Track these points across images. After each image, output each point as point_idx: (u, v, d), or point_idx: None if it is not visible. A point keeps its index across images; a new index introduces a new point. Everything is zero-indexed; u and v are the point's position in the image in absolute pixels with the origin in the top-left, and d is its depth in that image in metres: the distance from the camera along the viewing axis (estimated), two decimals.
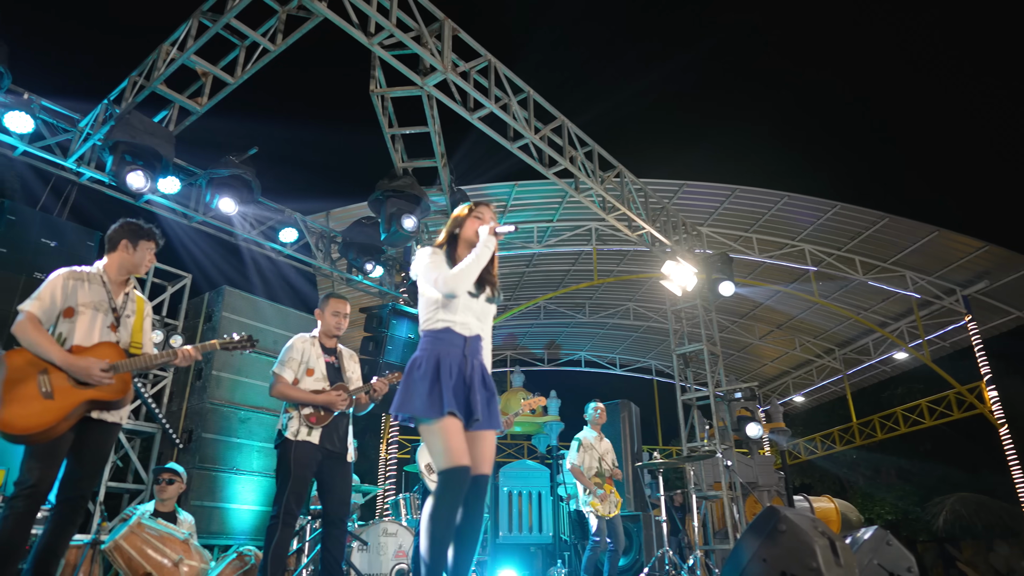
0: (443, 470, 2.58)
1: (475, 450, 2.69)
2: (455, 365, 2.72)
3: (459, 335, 2.78)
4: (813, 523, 3.68)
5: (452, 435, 2.61)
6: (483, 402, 2.73)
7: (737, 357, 18.23)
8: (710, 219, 12.14)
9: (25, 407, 3.00)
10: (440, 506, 2.52)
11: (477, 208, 3.00)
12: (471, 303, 2.84)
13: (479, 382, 2.76)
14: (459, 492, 2.55)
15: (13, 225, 6.08)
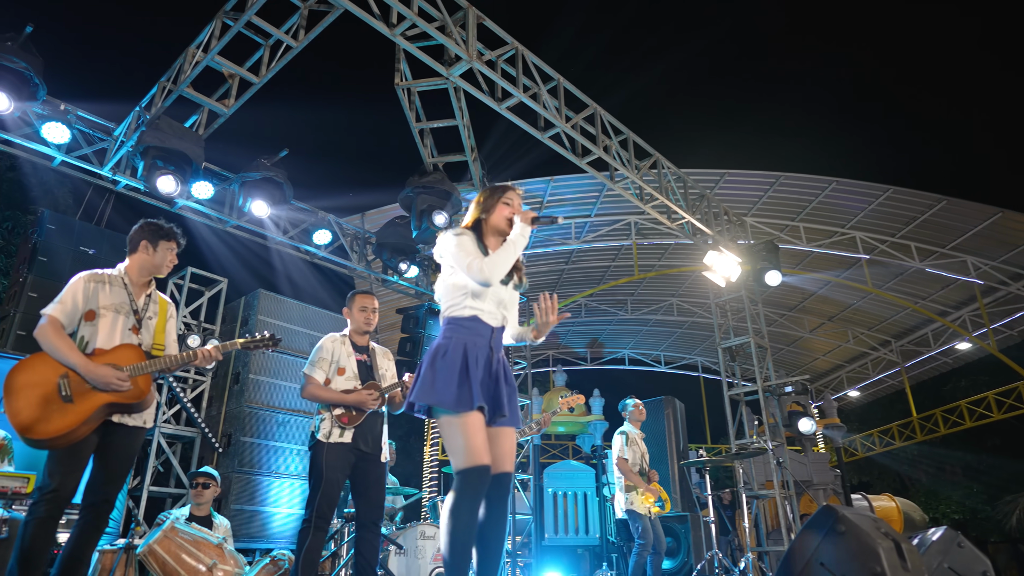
0: (463, 469, 2.43)
1: (497, 447, 2.56)
2: (482, 357, 2.58)
3: (486, 325, 2.64)
4: (875, 523, 3.38)
5: (475, 431, 2.46)
6: (508, 398, 2.60)
7: (787, 351, 17.64)
8: (754, 208, 11.72)
9: (45, 411, 2.96)
10: (460, 507, 2.38)
11: (506, 194, 2.82)
12: (499, 291, 2.71)
13: (503, 377, 2.64)
14: (479, 492, 2.43)
15: (53, 234, 6.17)
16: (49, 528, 2.93)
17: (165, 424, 6.78)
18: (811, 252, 12.82)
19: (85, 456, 3.08)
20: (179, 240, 3.52)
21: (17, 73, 5.56)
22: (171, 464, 6.76)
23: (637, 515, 5.42)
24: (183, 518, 4.77)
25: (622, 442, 5.65)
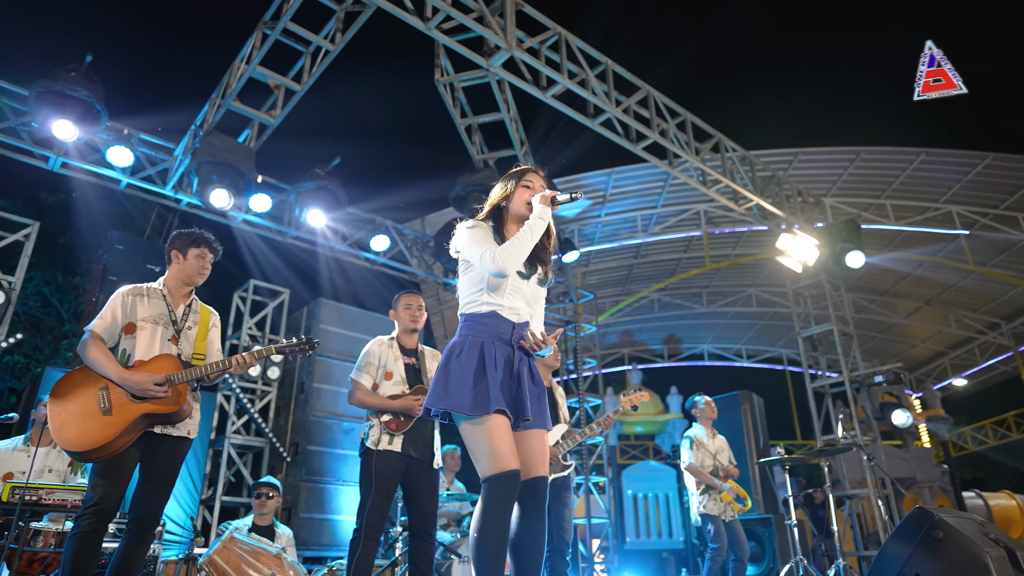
0: (489, 476, 2.22)
1: (527, 451, 2.36)
2: (501, 356, 2.37)
3: (507, 321, 2.42)
4: (981, 528, 2.93)
5: (500, 435, 2.25)
6: (533, 399, 2.37)
7: (881, 339, 16.49)
8: (834, 188, 10.94)
9: (86, 424, 2.97)
10: (488, 518, 2.17)
11: (525, 176, 2.62)
12: (520, 285, 2.48)
13: (527, 376, 2.41)
14: (509, 500, 2.22)
15: (121, 254, 6.40)
16: (93, 542, 2.92)
17: (235, 435, 6.92)
18: (901, 231, 11.87)
19: (128, 469, 3.07)
20: (211, 245, 3.47)
21: (81, 102, 5.78)
22: (242, 474, 6.87)
23: (710, 518, 5.05)
24: (245, 528, 4.78)
25: (686, 447, 5.29)
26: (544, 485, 2.38)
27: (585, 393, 10.00)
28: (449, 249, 2.62)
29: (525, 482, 2.32)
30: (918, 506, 2.93)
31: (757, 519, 6.51)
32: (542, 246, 2.57)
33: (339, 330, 7.35)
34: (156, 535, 4.73)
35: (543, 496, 2.36)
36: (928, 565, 2.81)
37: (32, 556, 3.64)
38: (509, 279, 2.44)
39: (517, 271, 2.45)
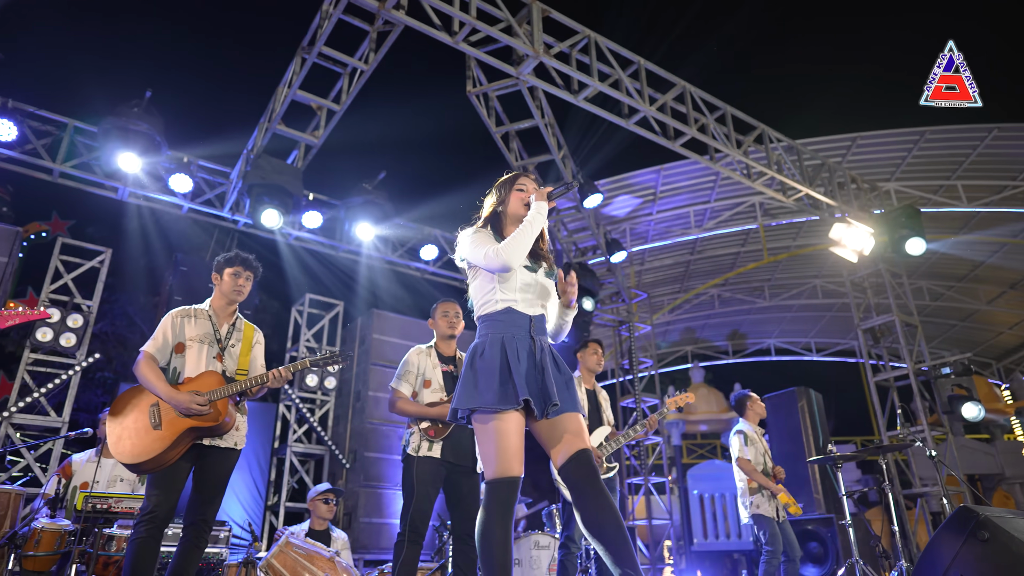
0: (492, 480, 2.27)
1: (562, 432, 2.37)
2: (523, 348, 2.40)
3: (523, 314, 2.48)
4: None
5: (510, 438, 2.28)
6: (559, 386, 2.39)
7: (963, 327, 15.61)
8: (897, 172, 10.45)
9: (140, 438, 3.21)
10: (490, 523, 2.21)
11: (517, 181, 2.68)
12: (529, 278, 2.53)
13: (552, 365, 2.44)
14: (508, 505, 2.25)
15: (187, 276, 6.79)
16: (150, 547, 3.14)
17: (296, 444, 7.22)
18: (976, 212, 11.23)
19: (180, 479, 3.29)
20: (246, 264, 3.63)
21: (143, 135, 6.19)
22: (305, 481, 7.17)
23: (764, 519, 4.93)
24: (301, 533, 4.99)
25: (740, 442, 5.17)
26: (589, 457, 2.34)
27: (641, 393, 9.90)
28: (455, 259, 2.72)
29: (571, 459, 2.32)
30: (962, 505, 2.80)
31: (819, 519, 6.30)
32: (538, 242, 2.62)
33: (393, 339, 7.56)
34: (223, 540, 5.03)
35: (594, 468, 2.33)
36: (973, 567, 2.69)
37: (107, 560, 3.93)
38: (517, 273, 2.49)
39: (523, 265, 2.52)
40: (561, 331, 2.66)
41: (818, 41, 20.03)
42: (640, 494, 9.27)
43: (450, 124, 10.32)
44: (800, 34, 20.59)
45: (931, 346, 16.73)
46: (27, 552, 3.80)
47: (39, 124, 6.45)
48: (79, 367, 6.17)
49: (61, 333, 6.01)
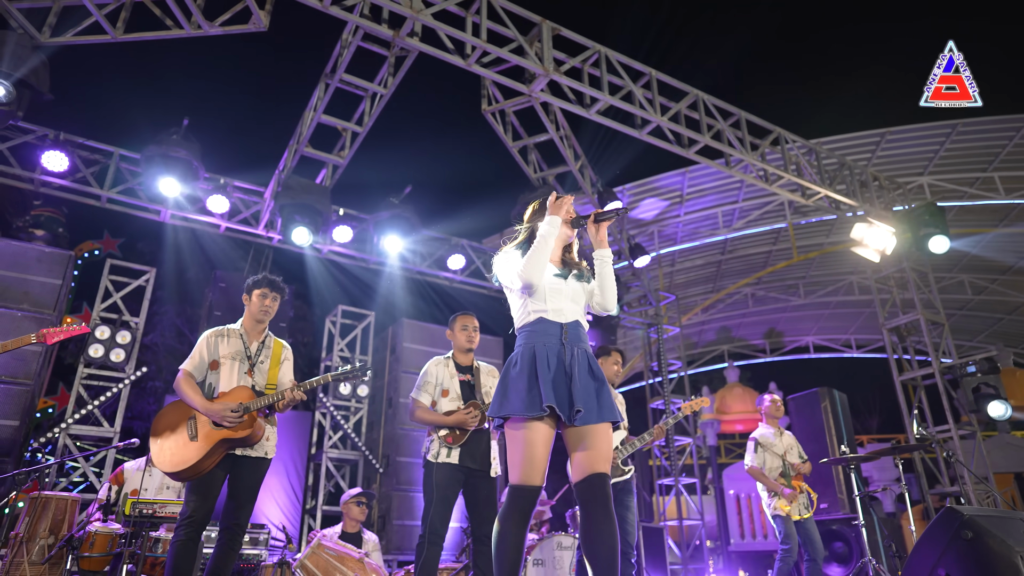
0: (515, 485, 2.40)
1: (587, 446, 2.42)
2: (553, 355, 2.51)
3: (554, 323, 2.58)
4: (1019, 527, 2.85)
5: (535, 448, 2.39)
6: (587, 392, 2.46)
7: (1009, 321, 15.20)
8: (931, 165, 10.29)
9: (178, 449, 3.52)
10: (507, 524, 2.35)
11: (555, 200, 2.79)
12: (559, 285, 2.63)
13: (584, 371, 2.51)
14: (525, 512, 2.38)
15: (225, 291, 7.17)
16: (190, 548, 3.44)
17: (331, 450, 7.55)
18: (1016, 204, 10.96)
19: (216, 486, 3.58)
20: (270, 283, 3.89)
21: (182, 161, 6.57)
22: (340, 486, 7.48)
23: (780, 518, 5.01)
24: (334, 535, 5.27)
25: (751, 450, 5.27)
26: (603, 481, 2.39)
27: (671, 395, 9.96)
28: (493, 280, 2.88)
29: (586, 479, 2.38)
30: (947, 506, 2.89)
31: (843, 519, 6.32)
32: (567, 250, 2.77)
33: (422, 347, 7.83)
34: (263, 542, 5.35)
35: (605, 493, 2.38)
36: (957, 566, 2.78)
37: (154, 560, 4.27)
38: (547, 283, 2.60)
39: (553, 273, 2.64)
40: (606, 292, 2.68)
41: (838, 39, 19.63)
42: (671, 495, 9.33)
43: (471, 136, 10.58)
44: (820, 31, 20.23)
45: (977, 340, 16.31)
46: (83, 553, 4.15)
47: (87, 153, 6.91)
48: (128, 380, 6.60)
49: (111, 349, 6.44)
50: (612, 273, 2.68)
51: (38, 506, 4.30)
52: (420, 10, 4.86)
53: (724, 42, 18.89)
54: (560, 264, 2.72)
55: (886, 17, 19.03)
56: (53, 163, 6.52)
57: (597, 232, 2.71)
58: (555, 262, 2.72)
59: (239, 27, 4.83)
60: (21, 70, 4.52)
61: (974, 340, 16.06)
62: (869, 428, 19.53)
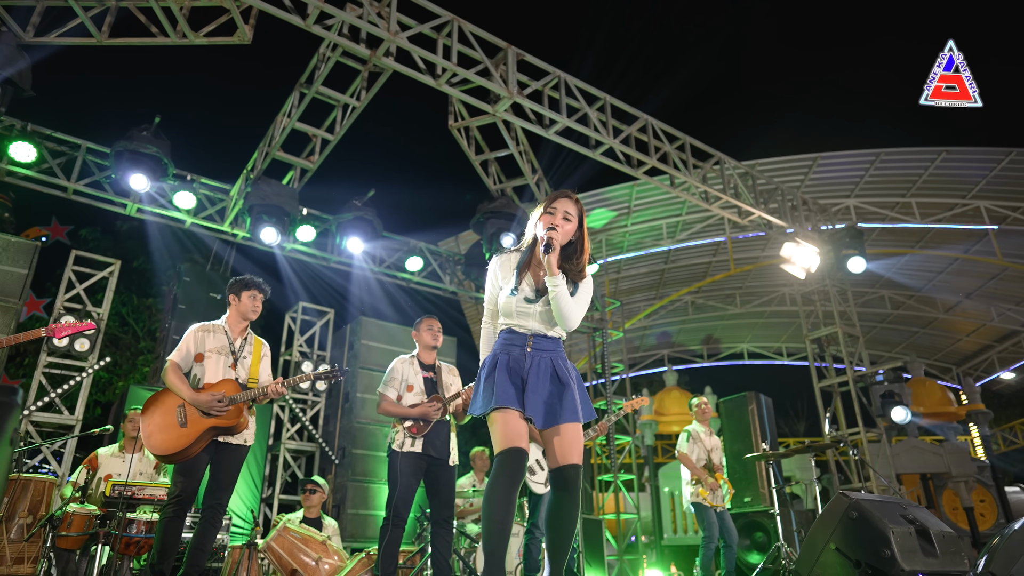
0: (498, 452, 2.58)
1: (558, 442, 2.62)
2: (516, 363, 2.69)
3: (520, 334, 2.74)
4: (900, 510, 3.45)
5: (509, 423, 2.58)
6: (543, 397, 2.64)
7: (924, 334, 16.44)
8: (856, 189, 11.21)
9: (168, 434, 3.81)
10: (496, 485, 2.50)
11: (553, 202, 2.81)
12: (528, 309, 2.74)
13: (543, 377, 2.67)
14: (513, 473, 2.52)
15: (188, 285, 7.36)
16: (177, 525, 3.75)
17: (289, 441, 7.82)
18: (930, 228, 12.00)
19: (201, 469, 3.89)
20: (260, 287, 4.25)
21: (152, 157, 6.74)
22: (297, 476, 7.76)
23: (702, 507, 5.58)
24: (297, 520, 5.59)
25: (684, 438, 5.84)
26: (574, 472, 2.59)
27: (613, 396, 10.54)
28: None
29: (557, 469, 2.60)
30: (840, 491, 3.47)
31: (763, 511, 6.98)
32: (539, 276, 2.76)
33: (379, 344, 8.17)
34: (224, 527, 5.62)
35: (574, 482, 2.60)
36: (845, 540, 3.36)
37: (128, 540, 4.51)
38: (515, 306, 2.74)
39: (524, 298, 2.74)
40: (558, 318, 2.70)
41: (783, 69, 20.93)
42: (610, 490, 9.90)
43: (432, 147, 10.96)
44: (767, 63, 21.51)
45: (895, 351, 17.56)
46: (60, 532, 4.38)
47: (55, 145, 7.00)
48: (91, 370, 6.73)
49: (76, 339, 6.57)
50: (563, 297, 2.66)
51: (17, 488, 4.50)
52: (396, 32, 5.24)
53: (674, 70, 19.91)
54: (534, 287, 2.77)
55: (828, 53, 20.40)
56: (21, 154, 6.60)
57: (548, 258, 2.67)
58: (531, 285, 2.79)
59: (224, 39, 5.11)
60: (8, 70, 4.69)
61: (892, 351, 17.28)
62: (797, 432, 20.72)
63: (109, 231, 14.75)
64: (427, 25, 5.48)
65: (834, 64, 20.24)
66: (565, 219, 2.77)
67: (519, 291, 2.77)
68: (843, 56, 19.82)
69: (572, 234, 2.79)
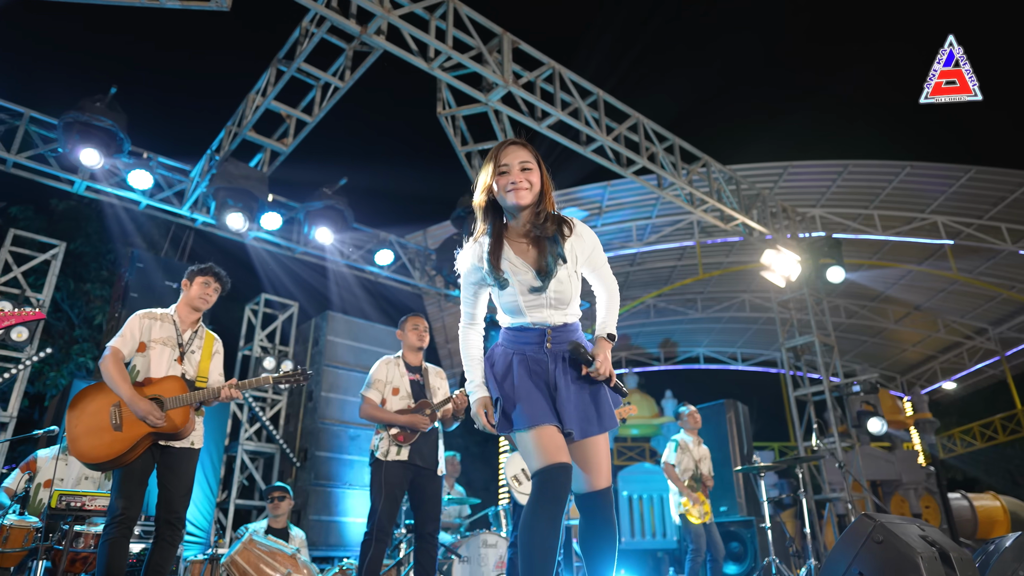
0: (538, 469, 2.14)
1: (583, 460, 2.28)
2: (535, 364, 2.30)
3: (535, 330, 2.32)
4: (920, 532, 3.32)
5: (541, 435, 2.18)
6: (578, 405, 2.28)
7: (872, 344, 16.87)
8: (823, 199, 11.32)
9: (98, 438, 3.27)
10: (535, 513, 2.08)
11: (499, 159, 2.27)
12: (539, 299, 2.28)
13: (572, 379, 2.28)
14: (558, 496, 2.10)
15: (142, 272, 6.79)
16: (122, 546, 3.24)
17: (247, 441, 7.32)
18: (888, 241, 12.26)
19: (144, 477, 3.38)
20: (215, 273, 3.76)
21: (105, 131, 6.17)
22: (255, 479, 7.27)
23: (689, 521, 5.44)
24: (261, 531, 5.17)
25: (671, 448, 5.67)
26: (607, 497, 2.26)
27: None
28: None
29: (591, 494, 2.24)
30: (863, 513, 3.32)
31: (740, 521, 6.90)
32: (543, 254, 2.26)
33: (346, 341, 7.75)
34: None
35: (610, 505, 2.27)
36: (869, 565, 3.20)
37: (75, 556, 4.03)
38: (522, 301, 2.27)
39: (529, 287, 2.25)
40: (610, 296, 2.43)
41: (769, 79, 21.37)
42: None
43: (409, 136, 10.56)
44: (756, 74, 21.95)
45: (844, 359, 17.97)
46: None
47: None
48: (29, 361, 6.12)
49: (12, 327, 5.94)
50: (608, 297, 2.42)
51: None
52: (390, 9, 4.88)
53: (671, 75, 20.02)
54: (533, 269, 2.26)
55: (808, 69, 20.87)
56: None
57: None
58: (525, 267, 2.28)
59: (199, 3, 4.64)
60: None
61: (842, 359, 17.70)
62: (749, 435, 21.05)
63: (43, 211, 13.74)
64: (421, 4, 5.13)
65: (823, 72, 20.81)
66: (524, 169, 2.23)
67: (516, 281, 2.25)
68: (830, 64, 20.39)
69: (539, 184, 2.26)
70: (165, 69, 15.82)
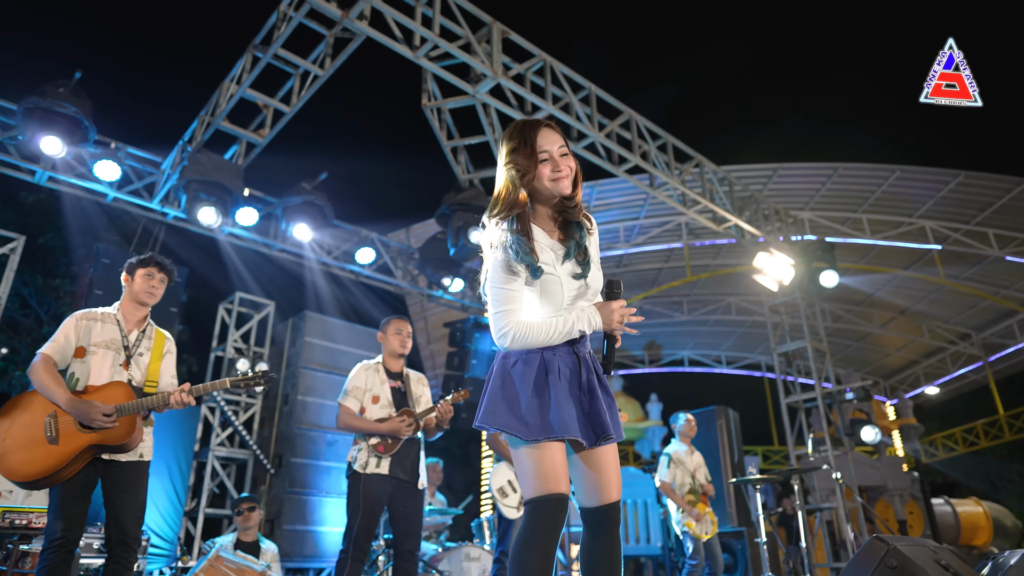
0: (533, 498, 1.98)
1: (599, 470, 2.09)
2: (565, 367, 2.08)
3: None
4: (933, 555, 3.12)
5: (545, 458, 1.99)
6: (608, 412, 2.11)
7: (857, 348, 16.84)
8: (811, 202, 11.20)
9: (30, 453, 2.90)
10: (528, 545, 1.93)
11: (538, 142, 2.05)
12: (583, 291, 2.09)
13: (598, 386, 2.11)
14: (552, 528, 1.95)
15: (108, 268, 6.42)
16: (63, 571, 2.89)
17: (219, 447, 6.98)
18: (876, 245, 12.18)
19: (85, 495, 3.04)
20: (158, 263, 3.39)
21: (69, 118, 5.82)
22: (226, 486, 6.94)
23: (689, 536, 5.23)
24: (230, 545, 4.86)
25: (664, 464, 5.45)
26: (615, 511, 2.08)
27: None
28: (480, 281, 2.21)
29: (600, 508, 2.06)
30: (875, 535, 3.11)
31: (731, 532, 6.71)
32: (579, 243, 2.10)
33: (323, 342, 7.44)
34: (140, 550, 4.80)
35: (617, 522, 2.09)
36: None
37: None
38: (565, 292, 2.05)
39: (572, 274, 2.06)
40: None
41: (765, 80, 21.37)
42: None
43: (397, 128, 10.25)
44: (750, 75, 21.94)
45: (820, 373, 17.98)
46: None
47: None
48: None
49: None
50: None
51: None
52: None
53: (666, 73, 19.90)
54: (577, 261, 2.07)
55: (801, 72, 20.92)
56: None
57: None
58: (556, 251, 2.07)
59: None
60: None
61: None
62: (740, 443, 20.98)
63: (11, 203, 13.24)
64: None
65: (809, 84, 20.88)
66: (563, 155, 2.08)
67: (559, 270, 2.03)
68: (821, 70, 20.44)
69: (576, 169, 2.12)
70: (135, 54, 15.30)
